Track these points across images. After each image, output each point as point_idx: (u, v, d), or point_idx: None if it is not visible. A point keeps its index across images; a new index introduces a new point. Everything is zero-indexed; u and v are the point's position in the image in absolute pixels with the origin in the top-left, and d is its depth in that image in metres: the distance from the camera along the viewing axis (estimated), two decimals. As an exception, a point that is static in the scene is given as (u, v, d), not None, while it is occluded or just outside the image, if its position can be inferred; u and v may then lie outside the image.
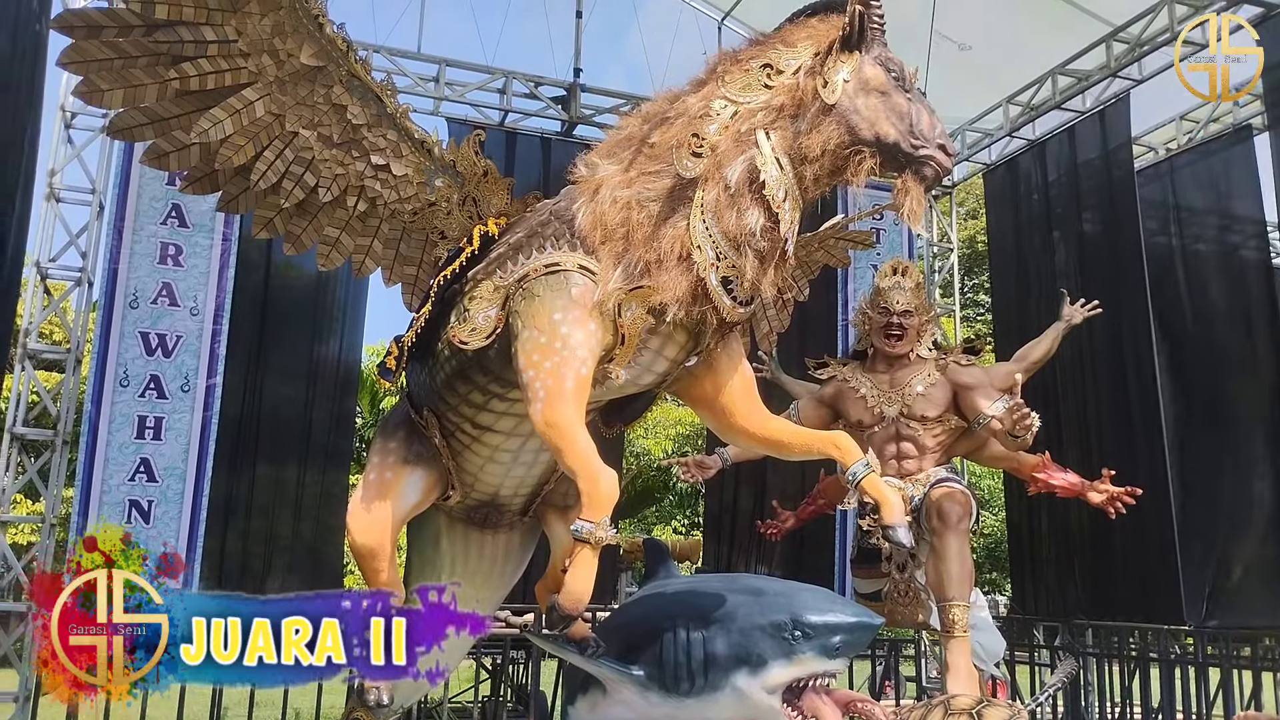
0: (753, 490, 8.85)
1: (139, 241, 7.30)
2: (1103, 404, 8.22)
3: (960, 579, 4.98)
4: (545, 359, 2.99)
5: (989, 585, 16.33)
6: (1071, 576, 8.44)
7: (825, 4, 3.20)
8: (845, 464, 3.25)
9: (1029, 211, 9.35)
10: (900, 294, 5.65)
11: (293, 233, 3.63)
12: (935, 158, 2.97)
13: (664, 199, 3.04)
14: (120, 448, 7.08)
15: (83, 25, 3.10)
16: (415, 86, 8.52)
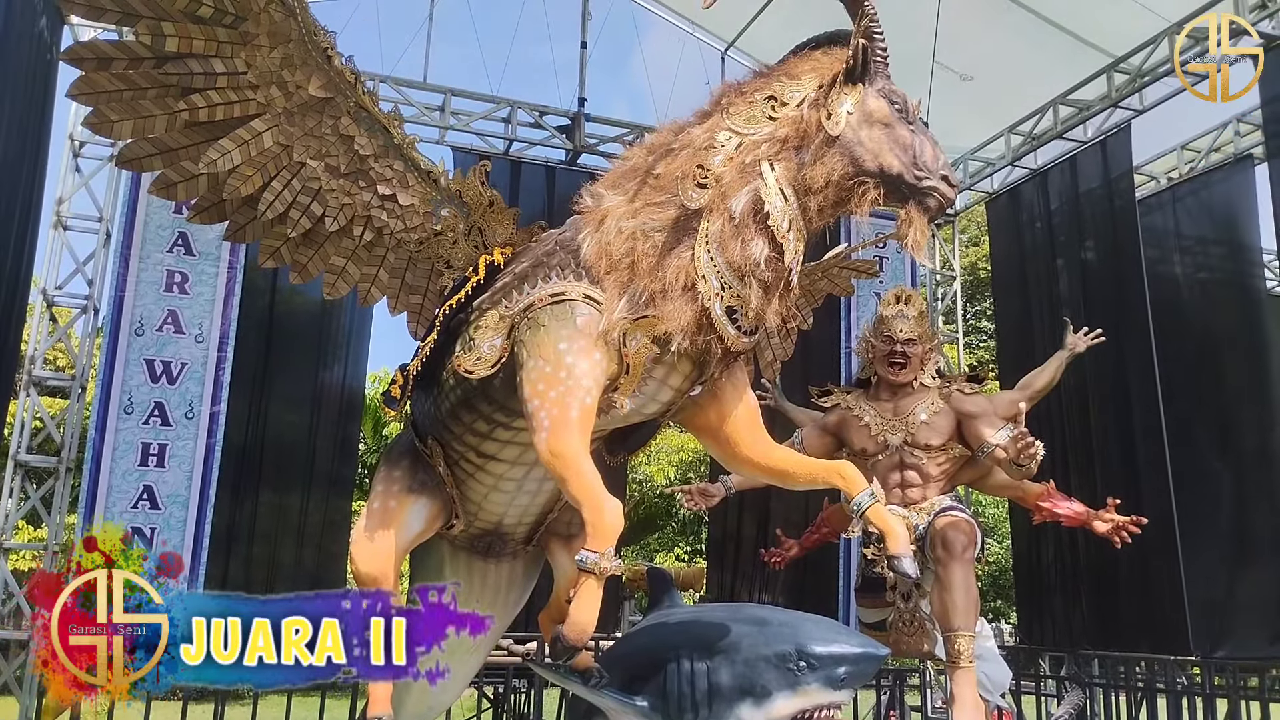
0: (756, 517, 8.83)
1: (145, 269, 7.35)
2: (1107, 432, 8.20)
3: (965, 609, 4.95)
4: (550, 388, 2.99)
5: (993, 613, 16.23)
6: (1078, 606, 8.39)
7: (829, 37, 3.23)
8: (850, 494, 3.25)
9: (1032, 239, 9.38)
10: (903, 322, 5.65)
11: (299, 262, 3.64)
12: (939, 189, 2.98)
13: (669, 229, 3.06)
14: (124, 475, 7.09)
15: (93, 57, 3.13)
16: (421, 116, 8.59)
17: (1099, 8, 8.21)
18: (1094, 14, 8.36)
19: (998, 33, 8.87)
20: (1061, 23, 8.58)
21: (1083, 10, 8.39)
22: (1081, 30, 8.58)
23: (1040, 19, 8.58)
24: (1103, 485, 7.43)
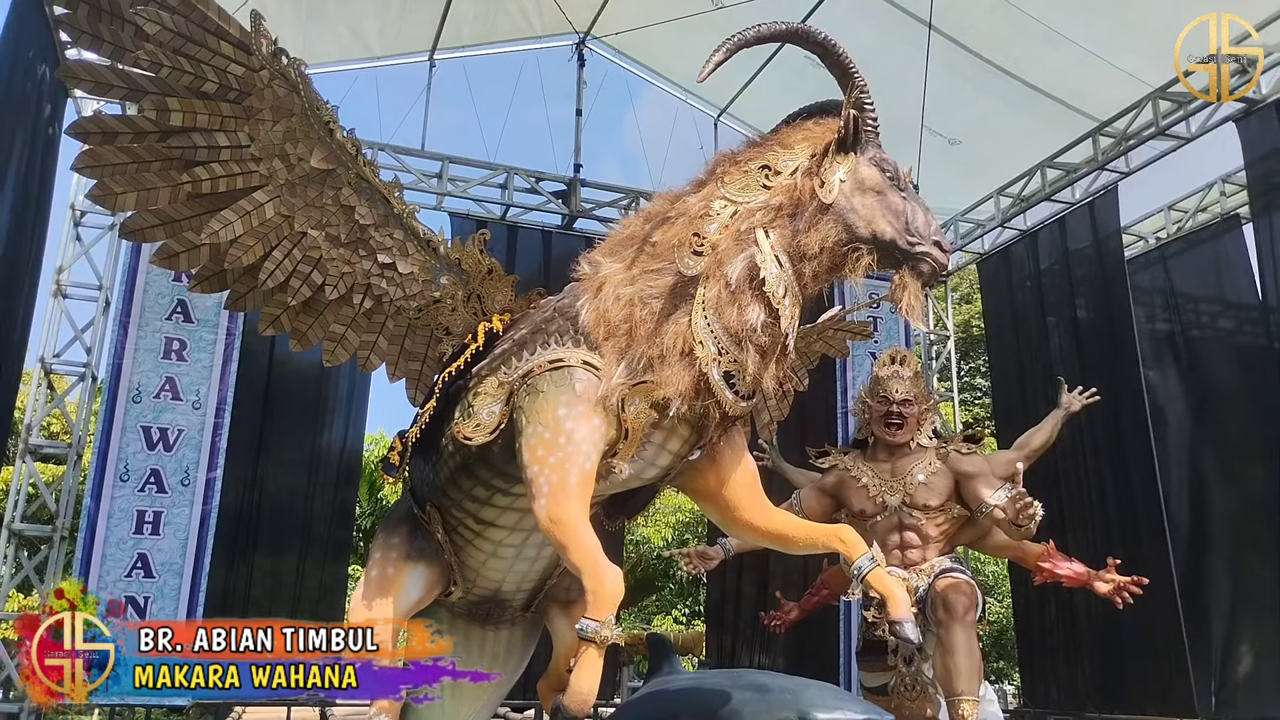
0: (755, 579, 8.78)
1: (144, 337, 7.37)
2: (1106, 491, 8.20)
3: (969, 672, 4.89)
4: (549, 454, 2.99)
5: (996, 674, 15.99)
6: (1080, 667, 8.31)
7: (820, 107, 3.30)
8: (850, 558, 3.24)
9: (1023, 299, 9.48)
10: (899, 383, 5.67)
11: (299, 330, 3.67)
12: (931, 254, 3.03)
13: (666, 296, 3.08)
14: (118, 543, 7.04)
15: (98, 131, 3.18)
16: (419, 183, 8.70)
17: (1083, 75, 8.38)
18: (1078, 80, 8.54)
19: (985, 99, 9.06)
20: (1047, 89, 8.77)
21: (1067, 77, 8.58)
22: (1066, 96, 8.76)
23: (1026, 86, 8.76)
24: (1102, 544, 7.40)
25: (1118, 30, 7.99)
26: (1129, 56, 8.05)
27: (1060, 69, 8.49)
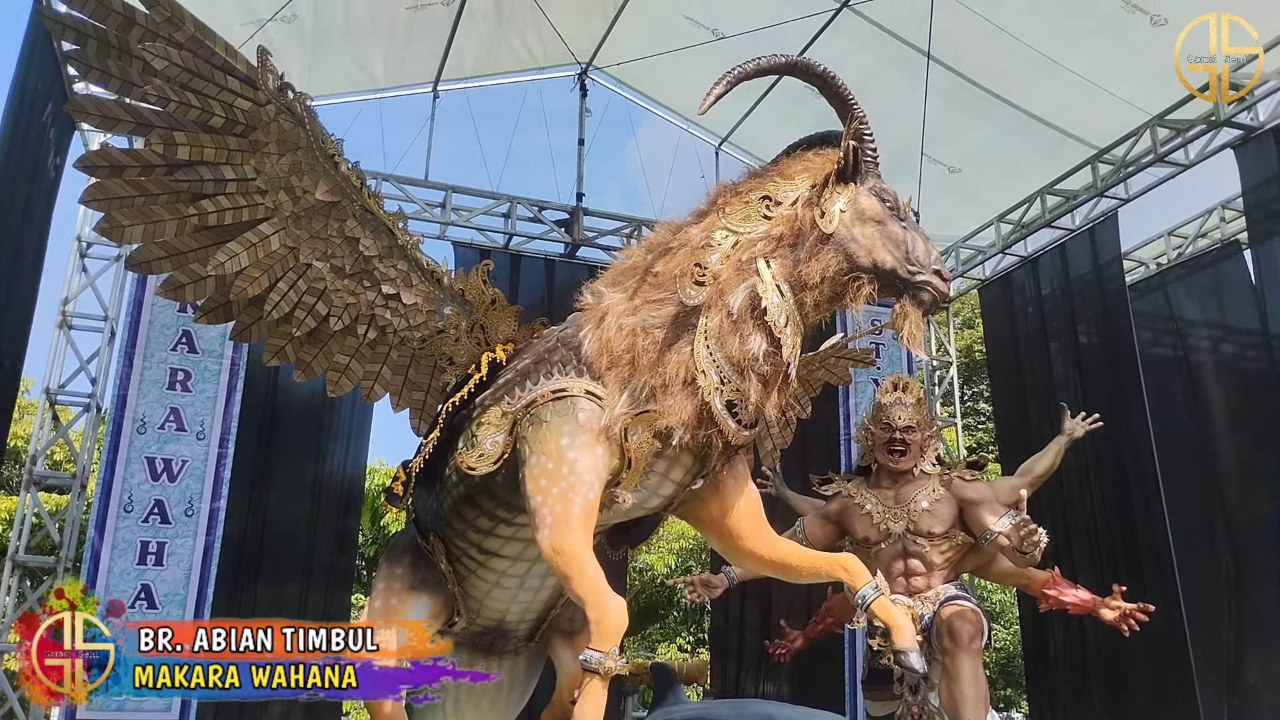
0: (760, 606, 8.73)
1: (149, 367, 7.40)
2: (1110, 517, 8.17)
3: (975, 701, 4.86)
4: (553, 484, 3.00)
5: (1004, 702, 15.86)
6: (1088, 695, 8.25)
7: (820, 137, 3.34)
8: (854, 587, 3.23)
9: (1025, 325, 9.49)
10: (902, 410, 5.68)
11: (303, 360, 3.68)
12: (932, 283, 3.05)
13: (668, 326, 3.10)
14: (121, 574, 7.04)
15: (106, 165, 3.21)
16: (422, 212, 8.75)
17: (1081, 102, 8.44)
18: (1076, 108, 8.60)
19: (984, 127, 9.11)
20: (1045, 117, 8.82)
21: (1066, 105, 8.63)
22: (1065, 124, 8.82)
23: (1025, 114, 8.82)
24: (1107, 570, 7.38)
25: (1115, 58, 8.05)
26: (1126, 85, 8.11)
27: (1058, 97, 8.55)
